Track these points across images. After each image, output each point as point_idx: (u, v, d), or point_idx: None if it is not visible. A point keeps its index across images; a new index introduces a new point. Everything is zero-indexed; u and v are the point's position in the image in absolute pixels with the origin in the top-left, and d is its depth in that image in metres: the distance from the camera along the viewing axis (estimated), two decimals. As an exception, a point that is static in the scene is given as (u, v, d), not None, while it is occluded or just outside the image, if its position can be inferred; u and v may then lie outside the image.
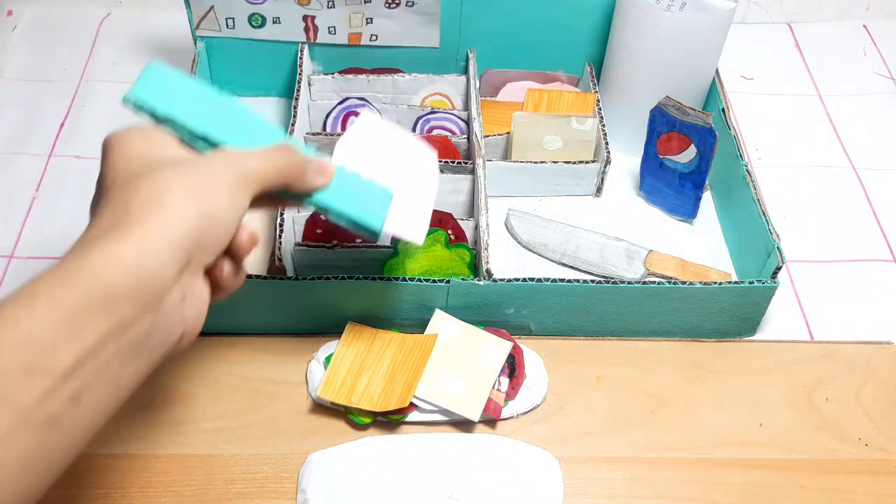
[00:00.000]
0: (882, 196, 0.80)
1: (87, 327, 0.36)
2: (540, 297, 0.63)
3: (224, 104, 0.48)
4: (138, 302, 0.37)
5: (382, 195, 0.53)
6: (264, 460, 0.58)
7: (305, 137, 0.75)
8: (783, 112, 0.88)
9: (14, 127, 0.82)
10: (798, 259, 0.74)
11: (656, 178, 0.76)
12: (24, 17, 0.94)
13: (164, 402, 0.61)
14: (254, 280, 0.61)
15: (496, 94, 0.82)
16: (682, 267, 0.70)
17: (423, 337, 0.63)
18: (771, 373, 0.65)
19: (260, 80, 0.84)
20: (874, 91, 0.91)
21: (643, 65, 0.75)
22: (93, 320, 0.36)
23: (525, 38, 0.81)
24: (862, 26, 0.98)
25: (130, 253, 0.37)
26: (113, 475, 0.57)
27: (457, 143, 0.75)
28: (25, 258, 0.71)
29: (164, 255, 0.38)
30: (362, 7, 0.78)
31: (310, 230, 0.69)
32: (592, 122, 0.75)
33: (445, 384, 0.60)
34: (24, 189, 0.77)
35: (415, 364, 0.61)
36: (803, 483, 0.59)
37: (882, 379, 0.65)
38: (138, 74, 0.46)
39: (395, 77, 0.79)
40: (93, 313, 0.36)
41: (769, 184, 0.80)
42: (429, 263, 0.66)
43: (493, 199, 0.76)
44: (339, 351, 0.61)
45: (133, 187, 0.39)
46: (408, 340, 0.63)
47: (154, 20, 0.94)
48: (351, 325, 0.63)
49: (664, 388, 0.63)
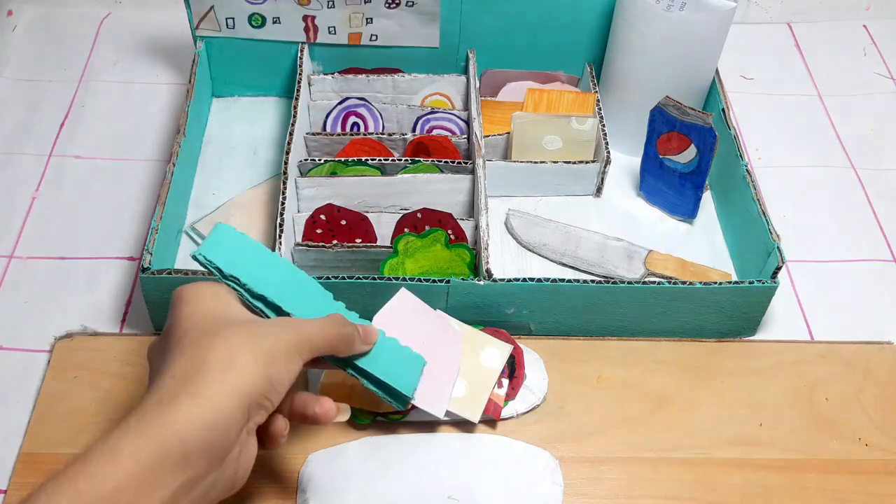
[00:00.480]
0: (882, 196, 0.80)
1: (165, 482, 0.39)
2: (540, 297, 0.63)
3: (281, 267, 0.52)
4: (209, 458, 0.41)
5: (416, 362, 0.56)
6: (264, 460, 0.58)
7: (305, 137, 0.75)
8: (783, 112, 0.88)
9: (14, 127, 0.82)
10: (798, 259, 0.74)
11: (656, 177, 0.76)
12: (24, 17, 0.94)
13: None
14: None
15: (496, 94, 0.82)
16: (682, 267, 0.70)
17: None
18: (771, 373, 0.65)
19: (260, 79, 0.84)
20: (874, 91, 0.91)
21: (643, 65, 0.75)
22: (171, 475, 0.39)
23: (525, 38, 0.81)
24: (862, 26, 0.98)
25: (206, 412, 0.40)
26: (113, 475, 0.57)
27: (457, 143, 0.75)
28: (25, 258, 0.71)
29: (235, 415, 0.42)
30: (362, 7, 0.78)
31: (309, 230, 0.69)
32: (592, 122, 0.75)
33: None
34: (24, 189, 0.77)
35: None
36: (803, 483, 0.59)
37: (882, 379, 0.65)
38: (208, 235, 0.50)
39: (395, 77, 0.79)
40: (171, 468, 0.39)
41: (769, 184, 0.80)
42: (429, 263, 0.66)
43: (492, 199, 0.76)
44: None
45: (206, 346, 0.43)
46: None
47: (154, 20, 0.94)
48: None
49: (664, 388, 0.63)
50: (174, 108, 0.85)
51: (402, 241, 0.66)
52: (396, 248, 0.66)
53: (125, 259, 0.71)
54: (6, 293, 0.69)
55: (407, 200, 0.72)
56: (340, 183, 0.71)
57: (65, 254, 0.71)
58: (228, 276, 0.49)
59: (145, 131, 0.82)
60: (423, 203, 0.71)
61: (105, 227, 0.74)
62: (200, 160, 0.79)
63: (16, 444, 0.59)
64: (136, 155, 0.80)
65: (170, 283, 0.61)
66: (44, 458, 0.58)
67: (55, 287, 0.69)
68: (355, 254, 0.67)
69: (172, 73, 0.89)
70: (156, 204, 0.65)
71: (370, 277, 0.61)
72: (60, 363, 0.63)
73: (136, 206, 0.75)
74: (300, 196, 0.71)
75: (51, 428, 0.59)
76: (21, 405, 0.61)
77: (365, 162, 0.73)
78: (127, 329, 0.67)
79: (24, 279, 0.70)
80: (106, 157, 0.80)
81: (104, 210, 0.75)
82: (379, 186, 0.71)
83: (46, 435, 0.59)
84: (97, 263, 0.71)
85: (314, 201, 0.71)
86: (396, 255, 0.66)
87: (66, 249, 0.72)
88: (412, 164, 0.72)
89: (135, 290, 0.69)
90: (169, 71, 0.89)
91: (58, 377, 0.62)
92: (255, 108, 0.85)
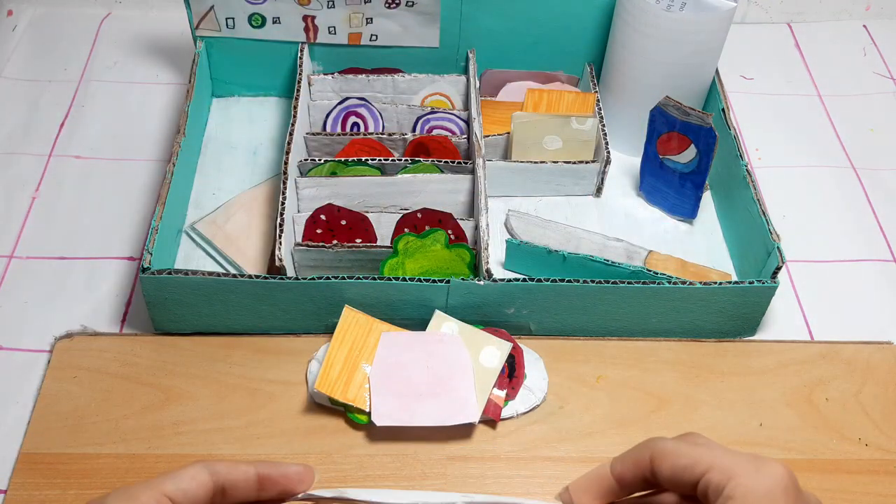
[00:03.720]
0: (882, 196, 0.80)
1: None
2: (540, 297, 0.63)
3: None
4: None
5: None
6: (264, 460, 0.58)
7: (305, 137, 0.75)
8: (783, 112, 0.88)
9: (14, 127, 0.82)
10: (798, 259, 0.74)
11: (656, 177, 0.76)
12: (24, 17, 0.94)
13: (164, 402, 0.61)
14: (253, 280, 0.61)
15: (496, 94, 0.82)
16: (682, 267, 0.70)
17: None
18: (771, 373, 0.65)
19: (260, 79, 0.84)
20: (874, 91, 0.91)
21: (643, 65, 0.75)
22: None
23: (525, 38, 0.81)
24: (862, 26, 0.99)
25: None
26: (113, 475, 0.57)
27: (457, 143, 0.75)
28: (25, 258, 0.71)
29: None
30: (362, 7, 0.78)
31: (309, 230, 0.69)
32: (592, 122, 0.75)
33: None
34: (24, 189, 0.77)
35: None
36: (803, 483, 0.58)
37: (882, 379, 0.65)
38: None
39: (395, 77, 0.79)
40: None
41: (769, 184, 0.80)
42: (429, 263, 0.66)
43: (492, 199, 0.76)
44: (335, 342, 0.61)
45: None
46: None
47: (154, 20, 0.94)
48: (348, 310, 0.62)
49: (664, 388, 0.63)
50: (174, 108, 0.85)
51: (402, 241, 0.66)
52: (396, 248, 0.66)
53: (125, 259, 0.71)
54: (6, 293, 0.69)
55: (407, 200, 0.72)
56: (340, 183, 0.71)
57: (65, 254, 0.72)
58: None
59: (145, 131, 0.82)
60: (423, 203, 0.71)
61: (105, 227, 0.74)
62: (200, 160, 0.79)
63: (16, 444, 0.59)
64: (136, 155, 0.80)
65: (170, 282, 0.61)
66: (44, 458, 0.58)
67: (55, 287, 0.69)
68: (355, 254, 0.67)
69: (172, 73, 0.89)
70: (156, 204, 0.65)
71: (370, 277, 0.61)
72: (60, 363, 0.63)
73: (136, 206, 0.75)
74: (300, 196, 0.71)
75: (51, 428, 0.59)
76: (21, 405, 0.61)
77: (365, 162, 0.73)
78: (127, 329, 0.67)
79: (24, 279, 0.70)
80: (106, 157, 0.80)
81: (104, 210, 0.75)
82: (379, 186, 0.71)
83: (46, 435, 0.59)
84: (97, 263, 0.71)
85: (314, 201, 0.71)
86: (396, 255, 0.66)
87: (66, 249, 0.72)
88: (412, 164, 0.73)
89: (135, 290, 0.69)
90: (169, 71, 0.89)
91: (58, 377, 0.62)
92: (255, 108, 0.85)
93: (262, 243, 0.71)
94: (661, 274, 0.65)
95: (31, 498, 0.56)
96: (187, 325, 0.64)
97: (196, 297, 0.62)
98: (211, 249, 0.71)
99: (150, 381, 0.62)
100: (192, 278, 0.61)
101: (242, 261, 0.70)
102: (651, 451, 0.42)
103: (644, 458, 0.43)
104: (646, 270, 0.65)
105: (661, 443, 0.43)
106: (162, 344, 0.64)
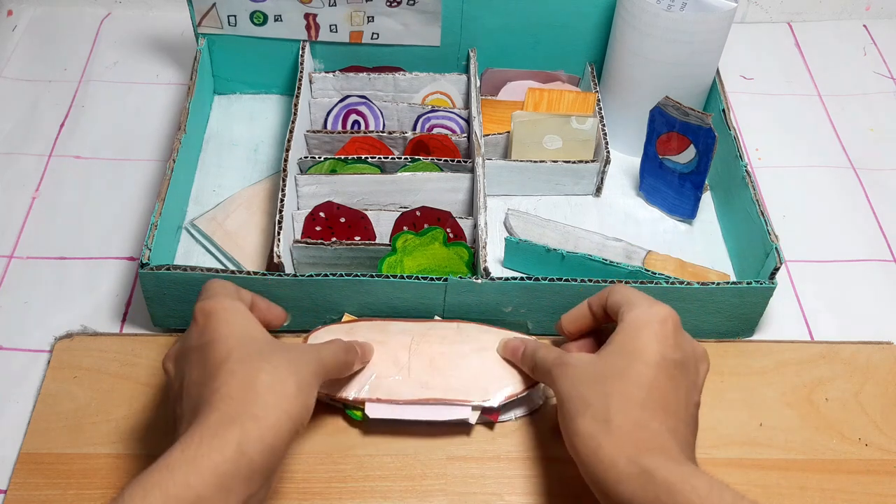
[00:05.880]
0: (882, 196, 0.80)
1: (234, 494, 0.44)
2: (537, 296, 0.63)
3: None
4: (266, 475, 0.46)
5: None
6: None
7: (306, 135, 0.75)
8: (783, 112, 0.88)
9: (14, 127, 0.82)
10: (798, 259, 0.74)
11: (656, 177, 0.76)
12: (24, 17, 0.94)
13: (164, 402, 0.61)
14: (252, 277, 0.61)
15: (497, 93, 0.82)
16: (681, 267, 0.70)
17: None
18: (771, 373, 0.65)
19: (261, 77, 0.84)
20: (874, 91, 0.91)
21: (643, 65, 0.75)
22: (238, 490, 0.44)
23: (526, 37, 0.81)
24: (862, 26, 0.98)
25: (269, 437, 0.45)
26: (113, 475, 0.57)
27: (457, 142, 0.75)
28: (25, 258, 0.71)
29: (288, 440, 0.47)
30: (364, 5, 0.78)
31: (309, 227, 0.69)
32: (592, 122, 0.75)
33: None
34: (24, 189, 0.77)
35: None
36: (803, 483, 0.59)
37: (882, 379, 0.65)
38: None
39: (395, 75, 0.79)
40: (239, 484, 0.44)
41: (769, 184, 0.80)
42: (427, 261, 0.66)
43: (492, 198, 0.76)
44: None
45: (255, 368, 0.48)
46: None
47: (154, 19, 0.94)
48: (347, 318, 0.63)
49: (664, 388, 0.63)
50: (174, 107, 0.85)
51: (401, 238, 0.66)
52: (395, 245, 0.66)
53: (125, 259, 0.71)
54: (6, 293, 0.69)
55: (406, 198, 0.72)
56: (340, 180, 0.71)
57: (65, 254, 0.71)
58: None
59: (145, 131, 0.82)
60: (423, 201, 0.71)
61: (105, 226, 0.74)
62: (201, 157, 0.79)
63: (16, 444, 0.59)
64: (136, 155, 0.80)
65: (169, 278, 0.61)
66: (44, 458, 0.58)
67: (55, 287, 0.69)
68: (354, 251, 0.67)
69: (172, 72, 0.89)
70: (156, 200, 0.65)
71: (368, 275, 0.61)
72: (60, 363, 0.63)
73: (136, 206, 0.75)
74: (300, 193, 0.71)
75: (51, 428, 0.59)
76: (21, 405, 0.61)
77: (365, 160, 0.73)
78: (127, 329, 0.67)
79: (24, 279, 0.70)
80: (106, 157, 0.80)
81: (104, 210, 0.75)
82: (378, 184, 0.71)
83: (46, 435, 0.59)
84: (97, 263, 0.71)
85: (314, 199, 0.71)
86: (395, 253, 0.66)
87: (66, 249, 0.72)
88: (412, 162, 0.73)
89: (135, 289, 0.69)
90: (169, 71, 0.89)
91: (58, 377, 0.62)
92: (256, 106, 0.85)
93: (261, 240, 0.71)
94: (659, 274, 0.65)
95: (31, 498, 0.56)
96: (186, 322, 0.64)
97: (195, 294, 0.61)
98: (210, 246, 0.71)
99: (150, 381, 0.62)
100: (191, 274, 0.61)
101: (241, 257, 0.70)
102: (608, 290, 0.56)
103: (604, 296, 0.56)
104: (644, 270, 0.65)
105: (613, 286, 0.57)
106: (162, 344, 0.64)
